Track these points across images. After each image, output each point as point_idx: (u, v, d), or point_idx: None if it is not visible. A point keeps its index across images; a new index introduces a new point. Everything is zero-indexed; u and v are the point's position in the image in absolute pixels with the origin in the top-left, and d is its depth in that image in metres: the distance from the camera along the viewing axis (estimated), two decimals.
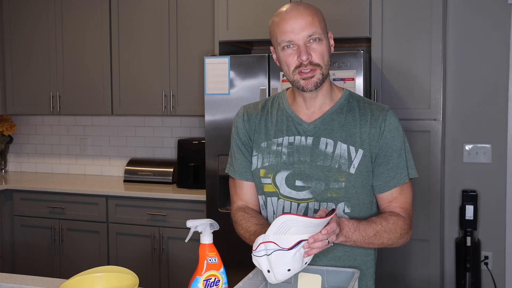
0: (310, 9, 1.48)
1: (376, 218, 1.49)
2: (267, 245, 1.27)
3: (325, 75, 1.49)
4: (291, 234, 1.26)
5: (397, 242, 1.52)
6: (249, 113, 1.65)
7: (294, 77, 1.48)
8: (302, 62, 1.45)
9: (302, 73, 1.46)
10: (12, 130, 4.36)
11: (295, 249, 1.26)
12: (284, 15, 1.47)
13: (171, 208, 3.44)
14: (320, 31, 1.46)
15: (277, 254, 1.25)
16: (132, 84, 3.79)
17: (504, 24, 3.20)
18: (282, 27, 1.46)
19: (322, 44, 1.46)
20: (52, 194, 3.72)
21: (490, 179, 3.26)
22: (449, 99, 3.30)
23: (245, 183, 1.65)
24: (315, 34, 1.45)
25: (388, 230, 1.48)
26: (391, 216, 1.50)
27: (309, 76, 1.46)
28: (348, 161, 1.50)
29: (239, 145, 1.65)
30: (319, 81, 1.48)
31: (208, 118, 3.11)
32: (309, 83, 1.47)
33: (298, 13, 1.45)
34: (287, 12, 1.47)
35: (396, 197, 1.53)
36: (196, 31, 3.59)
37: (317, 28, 1.45)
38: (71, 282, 1.36)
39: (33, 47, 4.05)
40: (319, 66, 1.46)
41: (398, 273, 3.05)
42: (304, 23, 1.44)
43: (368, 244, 1.47)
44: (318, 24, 1.46)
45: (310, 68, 1.45)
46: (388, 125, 1.52)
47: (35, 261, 3.79)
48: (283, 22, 1.46)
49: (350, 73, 2.80)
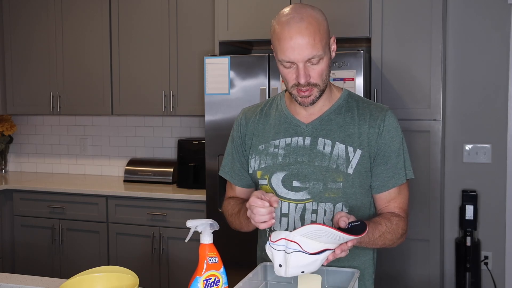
0: (313, 25, 1.40)
1: (381, 219, 1.49)
2: (288, 244, 1.26)
3: (323, 91, 1.49)
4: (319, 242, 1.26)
5: (396, 243, 1.52)
6: (247, 117, 1.66)
7: (292, 91, 1.48)
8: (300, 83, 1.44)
9: (300, 91, 1.46)
10: (12, 130, 4.36)
11: (318, 255, 1.26)
12: (285, 31, 1.40)
13: (171, 208, 3.44)
14: (320, 52, 1.41)
15: (298, 255, 1.25)
16: (132, 84, 3.79)
17: (504, 24, 3.20)
18: (283, 45, 1.40)
19: (322, 63, 1.43)
20: (52, 194, 3.72)
21: (490, 179, 3.26)
22: (449, 99, 3.30)
23: (234, 186, 1.71)
24: (315, 57, 1.41)
25: (392, 231, 1.48)
26: (393, 217, 1.51)
27: (307, 95, 1.46)
28: (346, 162, 1.50)
29: (231, 147, 1.69)
30: (316, 98, 1.48)
31: (208, 118, 3.11)
32: (306, 101, 1.48)
33: (299, 32, 1.38)
34: (289, 28, 1.39)
35: (395, 197, 1.54)
36: (196, 31, 3.59)
37: (317, 50, 1.40)
38: (71, 282, 1.36)
39: (33, 47, 4.05)
40: (317, 86, 1.46)
41: (398, 273, 3.05)
42: (304, 45, 1.38)
43: (372, 245, 1.47)
44: (319, 44, 1.40)
45: (308, 88, 1.45)
46: (387, 125, 1.52)
47: (35, 261, 3.79)
48: (284, 40, 1.40)
49: (350, 73, 2.80)
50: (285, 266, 1.27)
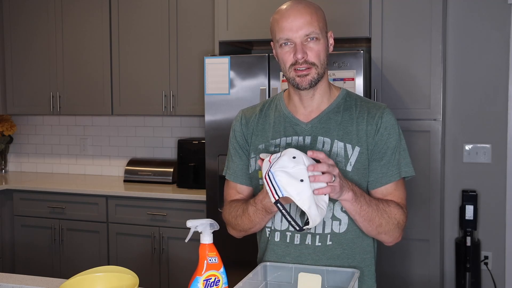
0: (310, 7, 1.49)
1: (378, 200, 1.49)
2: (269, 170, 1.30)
3: (321, 74, 1.51)
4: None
5: (391, 233, 1.50)
6: (247, 117, 1.66)
7: (290, 74, 1.50)
8: (297, 60, 1.47)
9: (297, 71, 1.48)
10: (12, 130, 4.36)
11: (297, 167, 1.28)
12: (283, 13, 1.49)
13: (171, 208, 3.44)
14: (318, 31, 1.47)
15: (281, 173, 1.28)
16: (132, 84, 3.79)
17: (504, 24, 3.20)
18: (281, 24, 1.48)
19: (319, 43, 1.48)
20: (52, 194, 3.72)
21: (490, 179, 3.26)
22: (449, 99, 3.30)
23: (239, 186, 1.67)
24: (313, 34, 1.46)
25: (389, 212, 1.48)
26: (391, 201, 1.51)
27: (304, 74, 1.48)
28: (344, 159, 1.51)
29: (236, 148, 1.66)
30: (314, 80, 1.49)
31: (208, 118, 3.11)
32: (303, 81, 1.49)
33: (297, 12, 1.47)
34: (286, 10, 1.49)
35: (392, 192, 1.54)
36: (196, 31, 3.59)
37: (315, 27, 1.46)
38: (71, 282, 1.36)
39: (33, 47, 4.05)
40: (315, 65, 1.48)
41: (398, 273, 3.05)
42: (302, 21, 1.46)
43: (370, 217, 1.45)
44: (317, 24, 1.47)
45: (306, 66, 1.47)
46: (384, 122, 1.53)
47: (35, 261, 3.79)
48: (282, 19, 1.48)
49: (350, 73, 2.80)
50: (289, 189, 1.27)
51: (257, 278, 1.38)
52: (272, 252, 1.58)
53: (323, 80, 1.54)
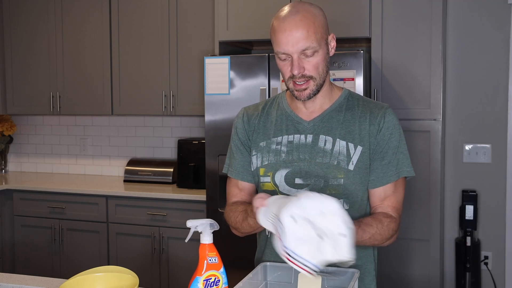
0: (308, 18, 1.43)
1: (372, 221, 1.48)
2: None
3: (320, 85, 1.50)
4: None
5: (386, 243, 1.52)
6: (249, 114, 1.66)
7: (289, 85, 1.51)
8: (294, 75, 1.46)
9: (296, 84, 1.48)
10: (12, 130, 4.36)
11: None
12: (280, 23, 1.44)
13: (171, 208, 3.44)
14: (315, 44, 1.43)
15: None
16: (132, 84, 3.79)
17: (504, 24, 3.20)
18: (278, 37, 1.45)
19: (317, 55, 1.46)
20: (52, 194, 3.72)
21: (490, 179, 3.26)
22: (449, 99, 3.30)
23: (241, 182, 1.65)
24: (309, 49, 1.43)
25: (382, 233, 1.48)
26: (385, 218, 1.50)
27: (303, 88, 1.48)
28: (347, 158, 1.51)
29: (238, 145, 1.66)
30: (313, 92, 1.50)
31: (208, 118, 3.11)
32: (302, 95, 1.49)
33: (293, 24, 1.42)
34: (284, 21, 1.44)
35: (389, 195, 1.54)
36: (196, 31, 3.59)
37: (311, 41, 1.42)
38: (71, 282, 1.36)
39: (33, 47, 4.05)
40: (313, 78, 1.47)
41: (398, 273, 3.05)
42: (298, 36, 1.42)
43: (361, 243, 1.46)
44: (314, 36, 1.43)
45: (304, 80, 1.47)
46: (387, 122, 1.53)
47: (35, 261, 3.79)
48: (279, 32, 1.44)
49: (350, 73, 2.80)
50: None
51: (257, 278, 1.38)
52: (271, 250, 1.58)
53: (325, 83, 1.54)
